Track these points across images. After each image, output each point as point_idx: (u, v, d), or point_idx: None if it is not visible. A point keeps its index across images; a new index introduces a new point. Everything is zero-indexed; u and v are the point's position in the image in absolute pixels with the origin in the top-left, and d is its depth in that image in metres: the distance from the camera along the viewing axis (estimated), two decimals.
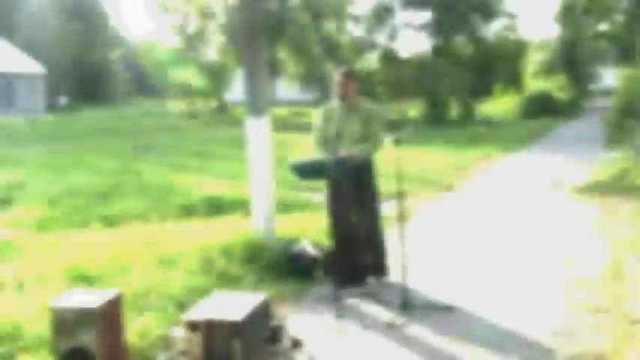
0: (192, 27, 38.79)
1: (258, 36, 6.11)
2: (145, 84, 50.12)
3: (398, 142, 5.19)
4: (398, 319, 4.74)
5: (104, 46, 56.11)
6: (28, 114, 35.56)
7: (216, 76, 38.63)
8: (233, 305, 3.68)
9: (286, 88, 41.23)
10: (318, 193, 10.09)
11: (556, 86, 34.66)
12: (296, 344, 4.24)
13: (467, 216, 8.81)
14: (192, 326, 3.53)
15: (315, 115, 5.93)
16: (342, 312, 4.91)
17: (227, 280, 5.29)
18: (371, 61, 37.22)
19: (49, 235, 7.18)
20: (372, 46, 36.54)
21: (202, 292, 4.89)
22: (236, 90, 35.99)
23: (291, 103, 42.57)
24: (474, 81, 41.31)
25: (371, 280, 5.71)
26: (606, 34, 40.09)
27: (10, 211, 8.80)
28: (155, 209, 8.12)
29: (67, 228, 7.66)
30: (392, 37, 36.14)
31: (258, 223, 6.12)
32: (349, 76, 5.69)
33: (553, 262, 6.27)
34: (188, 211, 7.79)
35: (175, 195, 9.50)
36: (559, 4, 40.57)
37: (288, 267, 5.87)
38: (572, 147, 17.99)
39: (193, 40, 39.03)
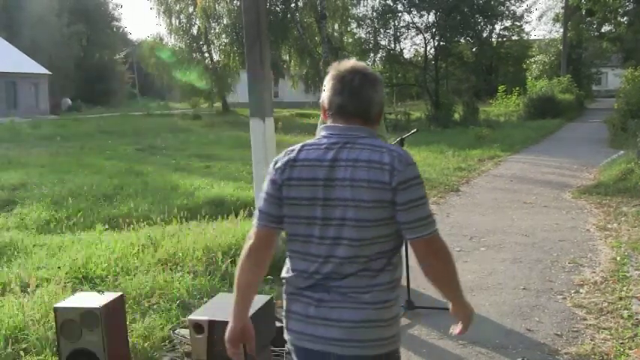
0: (196, 28, 38.82)
1: (263, 37, 6.11)
2: (149, 85, 50.20)
3: (401, 142, 5.18)
4: (401, 320, 4.73)
5: (108, 47, 56.30)
6: (31, 115, 35.65)
7: (220, 77, 38.64)
8: None
9: (290, 90, 41.22)
10: None
11: (559, 87, 34.58)
12: None
13: (469, 217, 8.80)
14: (197, 327, 3.54)
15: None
16: None
17: (231, 281, 5.29)
18: (375, 62, 37.25)
19: (53, 237, 7.20)
20: (376, 47, 36.59)
21: (206, 293, 4.90)
22: (240, 91, 36.00)
23: (294, 105, 42.58)
24: (478, 82, 41.35)
25: None
26: (610, 36, 40.04)
27: (14, 213, 8.83)
28: (159, 210, 8.14)
29: (71, 229, 7.68)
30: (396, 38, 36.18)
31: None
32: None
33: (556, 263, 6.27)
34: (192, 212, 7.79)
35: (179, 196, 9.52)
36: (563, 6, 40.60)
37: None
38: (575, 148, 17.96)
39: (197, 41, 39.08)
